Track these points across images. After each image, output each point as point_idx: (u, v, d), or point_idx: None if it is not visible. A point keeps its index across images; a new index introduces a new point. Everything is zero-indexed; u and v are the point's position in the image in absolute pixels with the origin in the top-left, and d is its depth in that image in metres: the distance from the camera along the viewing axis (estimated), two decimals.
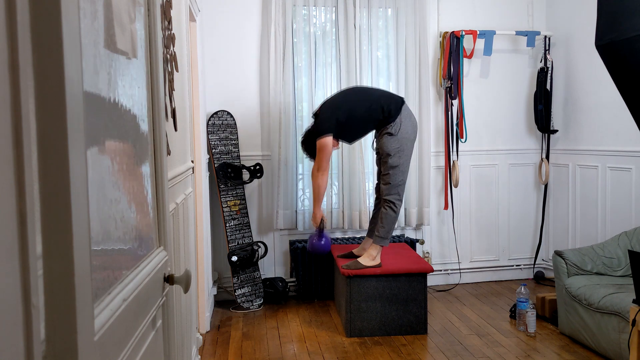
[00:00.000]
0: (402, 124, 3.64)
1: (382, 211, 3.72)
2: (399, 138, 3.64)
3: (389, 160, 3.65)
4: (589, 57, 4.46)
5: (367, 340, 3.71)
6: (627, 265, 3.65)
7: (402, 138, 3.64)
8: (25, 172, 0.61)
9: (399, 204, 3.71)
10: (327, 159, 3.72)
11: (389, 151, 3.65)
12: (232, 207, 4.41)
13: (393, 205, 3.69)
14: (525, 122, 5.04)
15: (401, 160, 3.66)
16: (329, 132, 3.67)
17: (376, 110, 3.65)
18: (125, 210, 1.09)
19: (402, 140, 3.64)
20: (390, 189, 3.68)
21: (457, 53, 4.74)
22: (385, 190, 3.70)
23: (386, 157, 3.67)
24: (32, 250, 0.62)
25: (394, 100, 3.72)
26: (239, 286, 4.36)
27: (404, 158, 3.67)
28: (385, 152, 3.67)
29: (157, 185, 1.39)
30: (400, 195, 3.71)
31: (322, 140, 3.68)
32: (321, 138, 3.68)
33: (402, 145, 3.65)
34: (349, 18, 4.56)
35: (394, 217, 3.71)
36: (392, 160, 3.65)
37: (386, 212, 3.70)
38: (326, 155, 3.69)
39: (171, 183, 2.29)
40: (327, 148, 3.68)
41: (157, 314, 1.31)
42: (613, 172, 4.34)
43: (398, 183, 3.68)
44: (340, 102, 3.77)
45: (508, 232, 5.08)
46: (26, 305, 0.61)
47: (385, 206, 3.71)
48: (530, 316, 3.73)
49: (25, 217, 0.61)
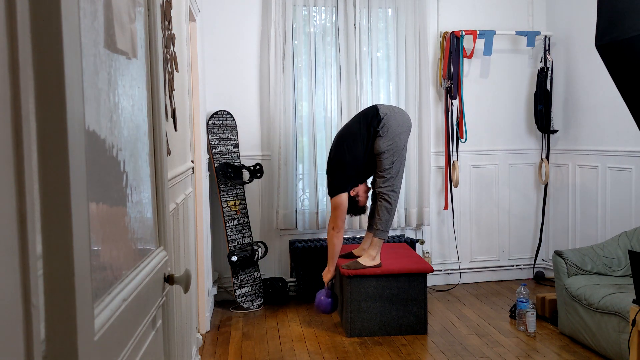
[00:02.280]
0: (387, 124, 3.66)
1: (377, 204, 3.75)
2: (390, 136, 3.67)
3: (383, 158, 3.68)
4: (589, 57, 4.46)
5: (367, 340, 3.71)
6: (627, 265, 3.65)
7: (393, 135, 3.67)
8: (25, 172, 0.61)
9: (394, 195, 3.73)
10: (343, 218, 3.76)
11: (382, 150, 3.68)
12: (232, 207, 4.41)
13: (387, 197, 3.71)
14: (525, 122, 5.04)
15: (394, 158, 3.68)
16: (342, 191, 3.72)
17: (364, 134, 3.69)
18: (125, 210, 1.09)
19: (394, 137, 3.67)
20: (385, 181, 3.71)
21: (457, 53, 4.74)
22: (380, 182, 3.73)
23: (381, 155, 3.70)
24: (32, 250, 0.62)
25: (369, 112, 3.76)
26: (239, 286, 4.36)
27: (397, 154, 3.69)
28: (379, 151, 3.70)
29: (157, 185, 1.39)
30: (394, 187, 3.72)
31: (336, 198, 3.72)
32: (335, 197, 3.72)
33: (394, 142, 3.67)
34: (349, 18, 4.56)
35: (390, 208, 3.72)
36: (386, 157, 3.68)
37: (381, 204, 3.73)
38: (342, 214, 3.73)
39: (171, 183, 2.29)
40: (343, 205, 3.72)
41: (157, 314, 1.31)
42: (613, 172, 4.34)
43: (393, 175, 3.70)
44: (340, 159, 3.76)
45: (508, 232, 5.08)
46: (26, 305, 0.61)
47: (379, 199, 3.74)
48: (530, 316, 3.73)
49: (25, 217, 0.61)
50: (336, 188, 3.73)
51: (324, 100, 4.62)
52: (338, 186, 3.73)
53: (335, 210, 3.74)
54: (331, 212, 3.78)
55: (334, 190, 3.74)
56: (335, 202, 3.73)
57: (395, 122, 3.69)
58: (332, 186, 3.77)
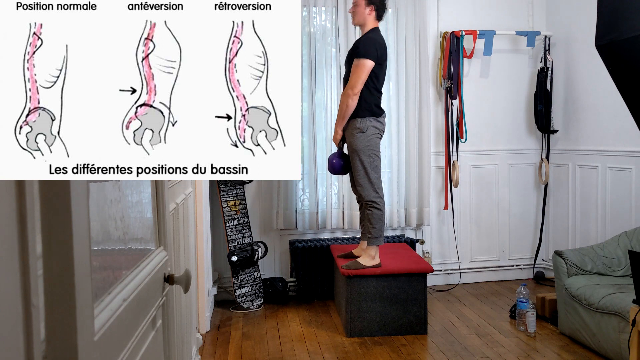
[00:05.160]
0: (371, 123, 3.61)
1: (367, 213, 3.70)
2: (368, 136, 3.61)
3: (361, 158, 3.61)
4: (589, 57, 4.46)
5: (367, 340, 3.71)
6: (627, 265, 3.65)
7: (371, 135, 3.62)
8: None
9: (381, 200, 3.68)
10: (363, 81, 3.57)
11: (358, 149, 3.61)
12: (232, 207, 4.41)
13: (375, 204, 3.66)
14: (525, 122, 5.04)
15: (372, 158, 3.62)
16: (371, 58, 3.55)
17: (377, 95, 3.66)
18: (125, 210, 1.09)
19: (371, 138, 3.62)
20: (367, 190, 3.64)
21: (457, 53, 4.73)
22: (363, 192, 3.66)
23: (355, 155, 3.63)
24: (32, 250, 0.62)
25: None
26: (239, 286, 4.36)
27: (375, 155, 3.63)
28: (354, 149, 3.62)
29: (157, 185, 1.39)
30: (378, 192, 3.66)
31: (363, 60, 3.55)
32: (362, 59, 3.55)
33: (372, 143, 3.62)
34: (349, 18, 4.55)
35: (381, 215, 3.68)
36: (363, 158, 3.61)
37: (371, 213, 3.67)
38: (363, 78, 3.56)
39: (171, 183, 2.29)
40: (366, 70, 3.55)
41: (157, 314, 1.31)
42: (613, 172, 4.34)
43: (373, 181, 3.64)
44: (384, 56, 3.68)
45: (508, 232, 5.08)
46: (26, 305, 0.61)
47: (368, 208, 3.68)
48: (530, 316, 3.73)
49: (25, 217, 0.61)
50: (366, 53, 3.56)
51: (324, 100, 4.61)
52: (369, 53, 3.55)
53: (360, 71, 3.55)
54: (353, 74, 3.59)
55: (361, 53, 3.57)
56: (361, 63, 3.54)
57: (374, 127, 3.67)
58: (361, 50, 3.59)
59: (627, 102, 1.94)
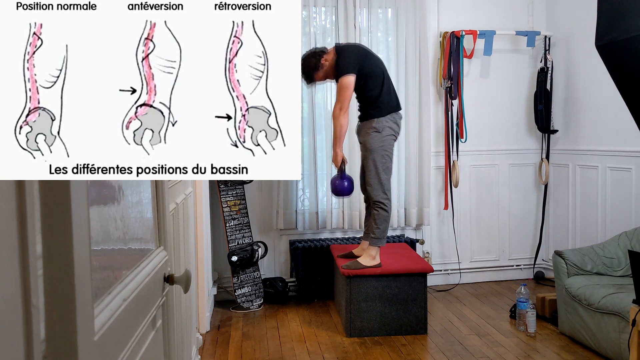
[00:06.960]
0: (387, 123, 3.63)
1: (373, 213, 3.71)
2: (383, 136, 3.63)
3: (374, 158, 3.63)
4: (589, 57, 4.45)
5: (367, 340, 3.71)
6: (627, 265, 3.65)
7: (387, 135, 3.64)
8: None
9: (388, 202, 3.70)
10: (349, 99, 3.60)
11: (372, 148, 3.63)
12: (232, 207, 4.41)
13: (383, 205, 3.67)
14: (525, 122, 5.04)
15: (385, 159, 3.64)
16: (349, 72, 3.57)
17: (388, 90, 3.65)
18: (125, 210, 1.09)
19: (386, 138, 3.64)
20: (377, 190, 3.66)
21: (457, 53, 4.73)
22: (372, 192, 3.68)
23: (369, 154, 3.65)
24: (32, 250, 0.62)
25: (397, 98, 3.73)
26: (239, 286, 4.36)
27: (387, 156, 3.66)
28: (368, 148, 3.64)
29: (157, 185, 1.39)
30: (387, 194, 3.68)
31: (344, 79, 3.58)
32: (343, 77, 3.58)
33: (386, 144, 3.64)
34: (349, 18, 4.56)
35: (387, 216, 3.70)
36: (375, 158, 3.63)
37: (378, 213, 3.68)
38: (348, 95, 3.58)
39: (171, 183, 2.29)
40: (350, 88, 3.57)
41: (157, 314, 1.31)
42: (613, 172, 4.34)
43: (383, 182, 3.66)
44: (365, 52, 3.70)
45: (508, 232, 5.08)
46: (26, 305, 0.61)
47: (375, 208, 3.69)
48: (530, 316, 3.73)
49: (25, 217, 0.61)
50: (346, 68, 3.58)
51: (324, 101, 4.61)
52: (350, 67, 3.58)
53: (343, 91, 3.58)
54: (338, 94, 3.62)
55: (342, 70, 3.59)
56: (343, 82, 3.58)
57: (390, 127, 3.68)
58: (341, 66, 3.61)
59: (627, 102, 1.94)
